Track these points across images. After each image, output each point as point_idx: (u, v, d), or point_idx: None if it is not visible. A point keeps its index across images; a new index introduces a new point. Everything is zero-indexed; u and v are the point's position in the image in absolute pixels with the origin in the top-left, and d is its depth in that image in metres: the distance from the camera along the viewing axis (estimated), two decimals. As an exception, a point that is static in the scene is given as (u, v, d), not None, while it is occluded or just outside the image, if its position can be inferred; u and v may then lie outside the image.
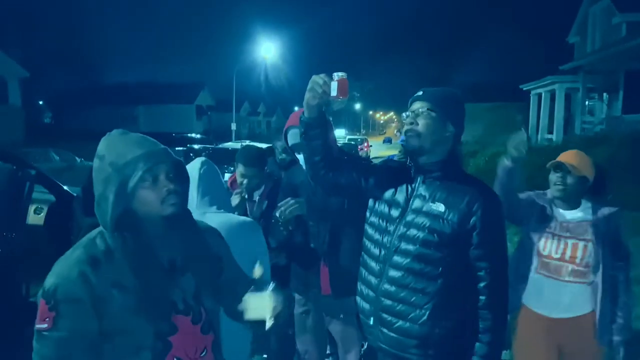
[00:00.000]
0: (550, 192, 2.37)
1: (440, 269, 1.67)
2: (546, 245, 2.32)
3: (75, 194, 3.94)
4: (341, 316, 2.34)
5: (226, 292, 1.50)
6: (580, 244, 2.26)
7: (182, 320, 1.36)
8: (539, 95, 20.13)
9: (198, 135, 23.53)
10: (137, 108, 36.19)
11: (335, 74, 1.67)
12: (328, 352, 3.29)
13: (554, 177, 2.33)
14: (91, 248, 1.32)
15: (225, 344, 1.52)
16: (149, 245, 1.33)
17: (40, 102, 37.04)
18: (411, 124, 1.74)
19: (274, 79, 44.13)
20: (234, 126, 24.00)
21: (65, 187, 4.06)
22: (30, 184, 2.49)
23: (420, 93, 1.78)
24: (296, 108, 2.65)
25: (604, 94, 17.60)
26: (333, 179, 1.81)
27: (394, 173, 1.86)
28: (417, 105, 1.75)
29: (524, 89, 21.46)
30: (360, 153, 23.27)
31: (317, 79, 1.67)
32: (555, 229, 2.32)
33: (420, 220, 1.71)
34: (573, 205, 2.33)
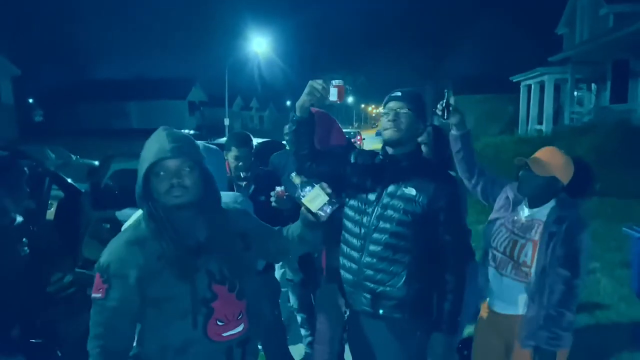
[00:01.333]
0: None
1: (413, 242, 2.02)
2: (496, 238, 2.27)
3: (83, 190, 4.08)
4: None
5: (273, 251, 1.82)
6: (527, 244, 2.15)
7: (220, 289, 1.58)
8: (529, 86, 20.35)
9: (191, 131, 23.53)
10: (129, 104, 36.06)
11: (333, 80, 1.93)
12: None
13: (520, 174, 2.23)
14: (137, 229, 1.57)
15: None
16: (173, 229, 1.54)
17: (30, 100, 36.75)
18: (392, 121, 2.06)
19: (266, 73, 44.07)
20: (227, 121, 24.05)
21: (70, 182, 4.19)
22: (50, 179, 2.64)
23: (399, 94, 2.09)
24: (288, 102, 2.87)
25: (592, 85, 17.86)
26: (317, 170, 2.14)
27: (369, 162, 2.20)
28: (397, 105, 2.07)
29: (514, 80, 21.67)
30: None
31: (315, 84, 1.98)
32: (509, 223, 2.26)
33: (395, 202, 2.04)
34: (538, 203, 2.21)
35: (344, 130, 2.84)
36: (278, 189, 2.74)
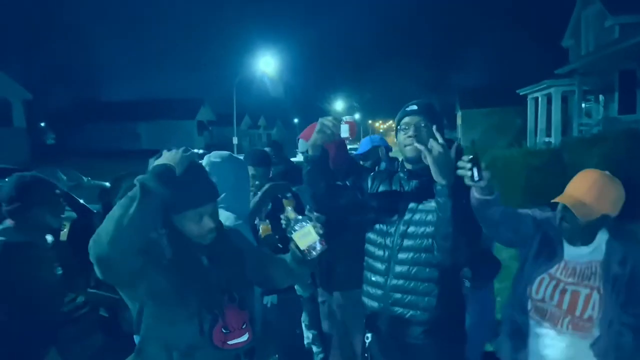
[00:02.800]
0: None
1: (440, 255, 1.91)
2: (539, 288, 1.85)
3: (95, 210, 4.14)
4: (347, 308, 2.63)
5: (257, 272, 1.80)
6: (583, 293, 1.77)
7: (225, 298, 1.63)
8: (536, 99, 20.34)
9: (200, 151, 23.76)
10: (139, 125, 36.51)
11: (344, 117, 1.96)
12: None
13: (559, 212, 1.84)
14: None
15: None
16: (187, 247, 1.60)
17: (42, 124, 37.34)
18: (413, 136, 1.98)
19: (273, 92, 44.46)
20: (235, 140, 24.24)
21: (82, 202, 4.27)
22: (64, 200, 2.70)
23: (415, 107, 2.04)
24: (296, 120, 2.92)
25: (600, 96, 17.82)
26: (335, 204, 2.12)
27: (387, 183, 2.15)
28: (414, 119, 2.01)
29: (521, 93, 21.68)
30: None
31: (326, 121, 1.97)
32: (555, 269, 1.84)
33: (417, 217, 1.98)
34: (584, 241, 1.83)
35: (351, 146, 2.88)
36: (262, 225, 2.75)
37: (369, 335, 2.19)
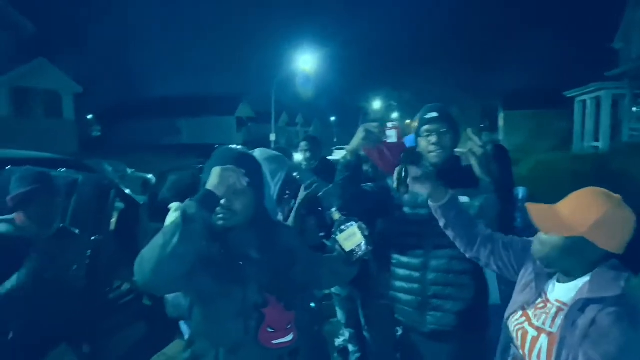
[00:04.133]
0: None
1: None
2: (509, 325, 1.63)
3: (141, 202, 4.26)
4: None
5: (307, 273, 1.77)
6: (530, 334, 1.51)
7: (270, 297, 1.62)
8: (584, 102, 19.64)
9: (239, 147, 24.06)
10: (180, 120, 37.31)
11: (388, 123, 1.97)
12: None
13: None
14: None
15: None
16: (225, 241, 1.60)
17: (90, 116, 38.74)
18: (437, 143, 2.11)
19: (312, 90, 44.67)
20: (272, 137, 24.43)
21: (128, 192, 4.40)
22: (115, 191, 2.79)
23: (436, 114, 2.12)
24: (333, 118, 2.90)
25: (653, 100, 17.05)
26: (363, 208, 2.15)
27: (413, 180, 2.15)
28: (436, 126, 2.11)
29: (568, 95, 20.99)
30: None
31: (371, 128, 2.02)
32: (532, 305, 1.57)
33: None
34: (576, 275, 1.49)
35: None
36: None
37: (399, 328, 2.29)
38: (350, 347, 3.59)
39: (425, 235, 2.10)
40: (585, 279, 1.45)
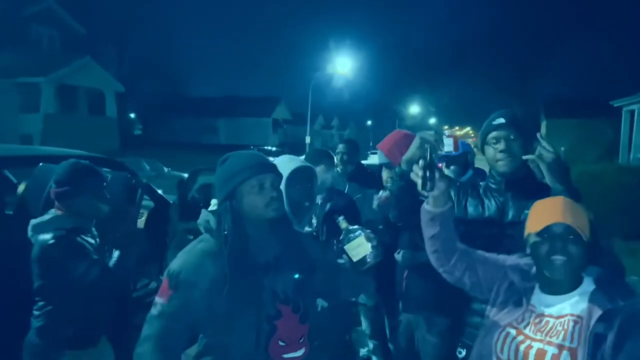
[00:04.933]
0: (540, 268, 1.56)
1: None
2: (504, 344, 1.56)
3: (171, 201, 4.29)
4: (425, 332, 2.45)
5: (327, 283, 1.73)
6: (550, 352, 1.46)
7: (285, 308, 1.57)
8: (632, 111, 18.83)
9: (273, 148, 24.33)
10: (218, 121, 37.96)
11: (445, 131, 1.84)
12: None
13: (544, 247, 1.51)
14: (212, 242, 1.59)
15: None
16: (245, 246, 1.55)
17: (132, 115, 39.88)
18: (505, 151, 1.95)
19: (349, 93, 44.62)
20: (308, 139, 24.51)
21: (160, 192, 4.44)
22: (142, 190, 2.80)
23: (503, 121, 1.98)
24: (369, 122, 2.83)
25: None
26: (417, 219, 1.97)
27: (475, 195, 2.08)
28: (504, 133, 1.96)
29: (615, 105, 20.17)
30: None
31: (427, 136, 1.89)
32: (522, 322, 1.56)
33: (521, 227, 1.81)
34: (570, 286, 1.53)
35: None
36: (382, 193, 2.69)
37: (462, 350, 2.10)
38: (374, 359, 3.49)
39: (495, 252, 1.85)
40: (588, 286, 1.49)
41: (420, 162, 1.65)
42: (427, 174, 1.62)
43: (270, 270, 1.57)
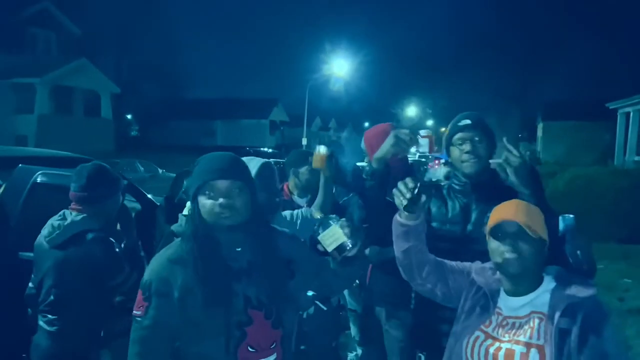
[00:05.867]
0: (496, 268, 1.60)
1: None
2: (473, 351, 1.57)
3: (158, 203, 4.23)
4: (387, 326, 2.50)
5: (315, 282, 1.70)
6: (518, 351, 1.48)
7: (257, 314, 1.52)
8: (627, 114, 18.87)
9: (270, 150, 24.31)
10: (215, 123, 37.92)
11: (420, 130, 1.82)
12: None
13: (497, 246, 1.55)
14: (180, 248, 1.56)
15: None
16: (212, 251, 1.52)
17: (128, 116, 39.82)
18: (470, 152, 1.95)
19: (346, 95, 44.66)
20: (305, 141, 24.49)
21: (149, 196, 4.39)
22: (123, 192, 2.76)
23: (469, 122, 1.98)
24: (366, 124, 2.80)
25: None
26: (390, 218, 1.96)
27: (439, 196, 2.07)
28: (470, 134, 1.96)
29: (611, 107, 20.20)
30: (430, 170, 22.94)
31: (402, 135, 1.89)
32: (490, 325, 1.58)
33: (483, 232, 1.85)
34: (529, 285, 1.56)
35: (422, 154, 2.72)
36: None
37: (421, 355, 2.09)
38: (363, 365, 3.44)
39: (457, 253, 1.89)
40: (549, 284, 1.53)
41: (411, 183, 1.62)
42: (414, 196, 1.60)
43: (242, 275, 1.53)
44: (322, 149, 2.45)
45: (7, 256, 2.41)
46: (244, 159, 2.25)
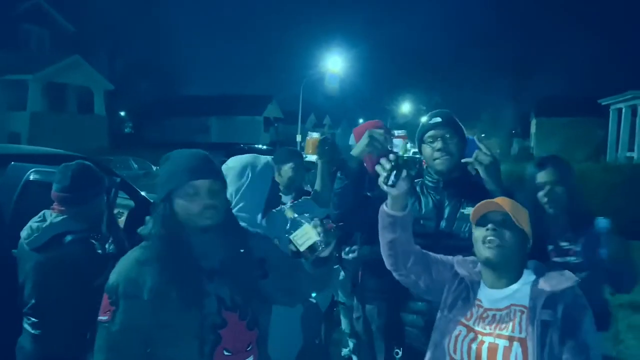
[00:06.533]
0: (478, 257, 1.60)
1: None
2: (456, 344, 1.57)
3: (152, 201, 4.24)
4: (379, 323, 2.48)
5: (285, 285, 1.64)
6: (501, 345, 1.47)
7: (231, 316, 1.48)
8: (619, 110, 18.98)
9: (264, 147, 24.27)
10: (210, 119, 37.79)
11: (395, 131, 1.83)
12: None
13: (480, 233, 1.57)
14: (149, 249, 1.48)
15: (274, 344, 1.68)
16: (182, 251, 1.46)
17: (122, 113, 39.62)
18: (441, 149, 1.98)
19: (341, 91, 44.66)
20: (299, 138, 24.46)
21: (143, 194, 4.39)
22: (115, 190, 2.76)
23: (440, 119, 2.01)
24: (361, 120, 2.80)
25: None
26: (361, 219, 2.02)
27: (410, 191, 2.03)
28: (441, 132, 1.99)
29: (603, 103, 20.32)
30: (424, 166, 23.05)
31: (376, 134, 1.90)
32: (471, 318, 1.58)
33: (457, 224, 1.95)
34: (510, 278, 1.57)
35: (415, 150, 2.72)
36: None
37: (399, 350, 2.11)
38: (355, 358, 3.48)
39: (431, 249, 1.90)
40: (529, 277, 1.54)
41: (392, 155, 1.64)
42: (394, 169, 1.60)
43: (215, 276, 1.48)
44: (314, 134, 2.47)
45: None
46: (249, 156, 2.27)
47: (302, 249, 1.54)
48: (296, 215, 1.59)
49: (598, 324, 1.80)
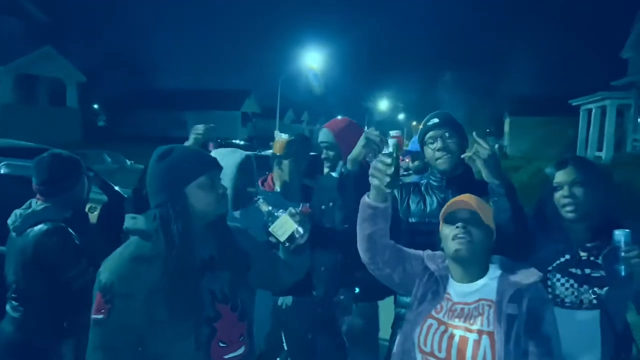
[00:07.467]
0: (447, 253, 1.67)
1: None
2: (426, 339, 1.61)
3: (126, 195, 4.22)
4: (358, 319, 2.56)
5: (266, 276, 1.72)
6: (471, 338, 1.53)
7: (224, 308, 1.53)
8: (589, 110, 19.50)
9: (241, 142, 24.15)
10: (186, 113, 37.31)
11: (391, 131, 1.89)
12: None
13: (449, 230, 1.63)
14: (142, 246, 1.49)
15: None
16: (192, 248, 1.49)
17: (95, 106, 38.82)
18: (442, 149, 2.04)
19: (319, 87, 44.64)
20: (276, 133, 24.40)
21: (117, 188, 4.36)
22: (88, 184, 2.76)
23: (437, 120, 2.07)
24: (339, 117, 2.85)
25: (660, 111, 16.88)
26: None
27: (417, 192, 2.16)
28: (439, 132, 2.05)
29: (574, 104, 20.83)
30: (402, 164, 23.25)
31: (372, 136, 1.95)
32: (441, 311, 1.63)
33: None
34: (477, 273, 1.64)
35: None
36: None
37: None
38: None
39: (436, 247, 1.89)
40: (495, 271, 1.61)
41: (389, 159, 1.63)
42: (394, 171, 1.61)
43: (206, 269, 1.52)
44: (283, 135, 2.54)
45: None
46: (226, 150, 2.33)
47: (282, 239, 1.61)
48: (270, 208, 1.65)
49: (617, 352, 1.78)
